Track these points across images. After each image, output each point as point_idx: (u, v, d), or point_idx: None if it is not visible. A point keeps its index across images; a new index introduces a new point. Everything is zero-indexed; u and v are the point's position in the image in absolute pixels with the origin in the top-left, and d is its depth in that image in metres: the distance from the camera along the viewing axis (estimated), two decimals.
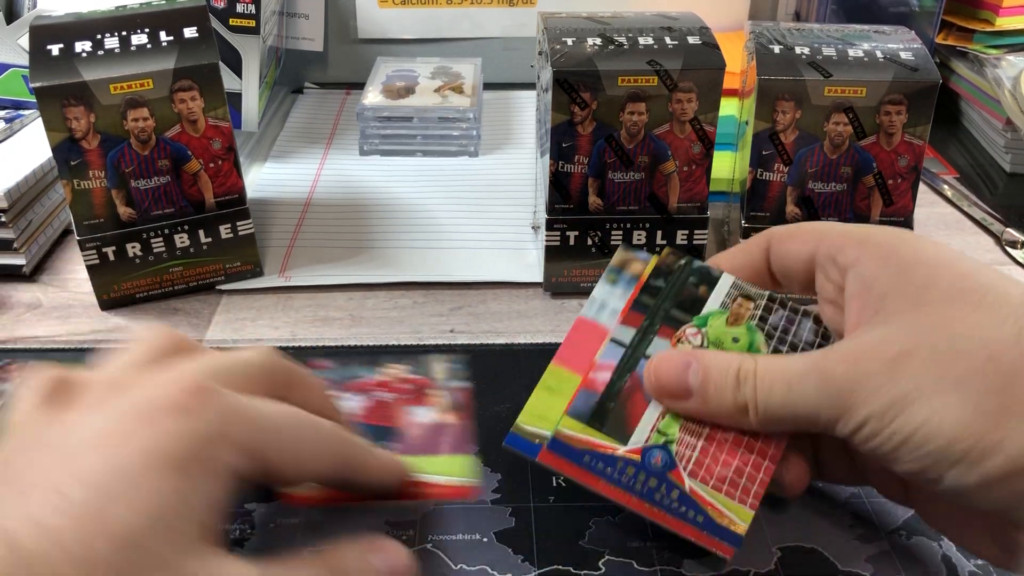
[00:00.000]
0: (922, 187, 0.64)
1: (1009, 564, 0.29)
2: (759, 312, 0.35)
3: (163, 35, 0.47)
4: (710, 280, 0.36)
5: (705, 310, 0.35)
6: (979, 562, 0.33)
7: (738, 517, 0.31)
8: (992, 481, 0.27)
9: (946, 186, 0.65)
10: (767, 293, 0.35)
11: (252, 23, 0.65)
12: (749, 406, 0.31)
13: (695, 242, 0.50)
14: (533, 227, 0.57)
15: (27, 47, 0.46)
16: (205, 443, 0.26)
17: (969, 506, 0.29)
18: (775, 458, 0.32)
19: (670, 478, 0.31)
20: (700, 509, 0.31)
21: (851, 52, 0.47)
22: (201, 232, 0.50)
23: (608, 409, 0.33)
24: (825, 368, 0.29)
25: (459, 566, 0.34)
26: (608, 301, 0.36)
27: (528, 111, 0.76)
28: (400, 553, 0.29)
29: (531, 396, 0.34)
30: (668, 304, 0.35)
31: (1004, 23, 0.70)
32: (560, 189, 0.48)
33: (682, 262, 0.36)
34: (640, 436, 0.32)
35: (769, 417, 0.31)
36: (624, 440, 0.32)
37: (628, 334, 0.35)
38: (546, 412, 0.33)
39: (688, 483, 0.31)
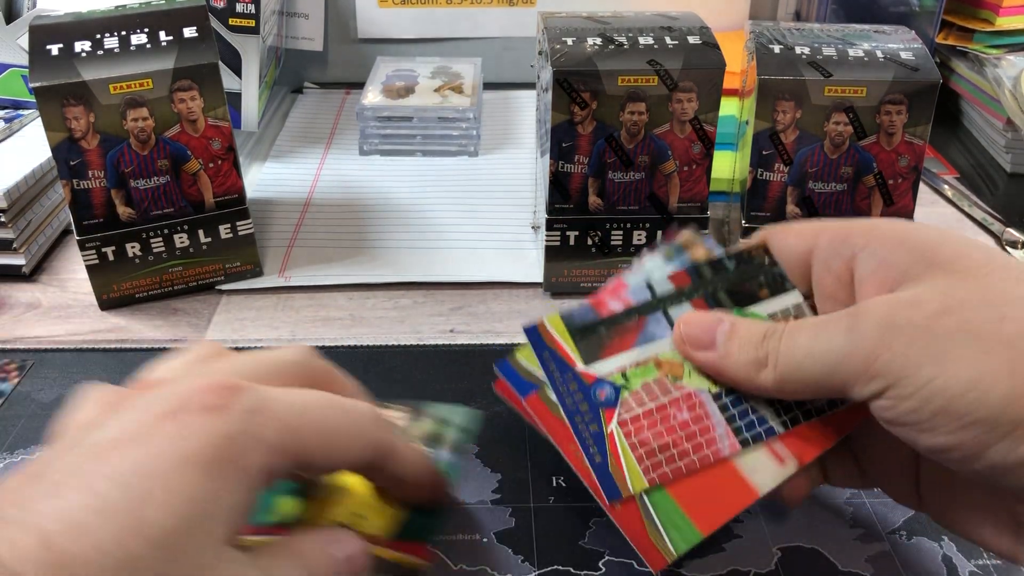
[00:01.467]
0: (922, 187, 0.64)
1: None
2: None
3: (163, 35, 0.47)
4: (778, 288, 0.33)
5: (752, 308, 0.33)
6: (979, 562, 0.33)
7: (631, 479, 0.30)
8: None
9: (946, 186, 0.65)
10: None
11: (252, 23, 0.65)
12: (770, 358, 0.29)
13: None
14: (533, 227, 0.57)
15: (27, 47, 0.46)
16: (232, 444, 0.26)
17: (996, 487, 0.27)
18: (705, 461, 0.31)
19: (601, 413, 0.31)
20: (604, 452, 0.31)
21: (851, 52, 0.47)
22: (201, 232, 0.50)
23: (597, 331, 0.33)
24: (858, 313, 0.27)
25: (459, 566, 0.34)
26: (654, 273, 0.34)
27: (528, 111, 0.76)
28: (356, 543, 0.29)
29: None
30: (723, 283, 0.34)
31: (1004, 23, 0.70)
32: (560, 189, 0.48)
33: (767, 260, 0.34)
34: (605, 368, 0.32)
35: (788, 370, 0.29)
36: (588, 362, 0.32)
37: (666, 288, 0.34)
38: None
39: (612, 427, 0.31)
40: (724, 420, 0.31)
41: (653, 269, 0.34)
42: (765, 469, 0.31)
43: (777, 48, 0.48)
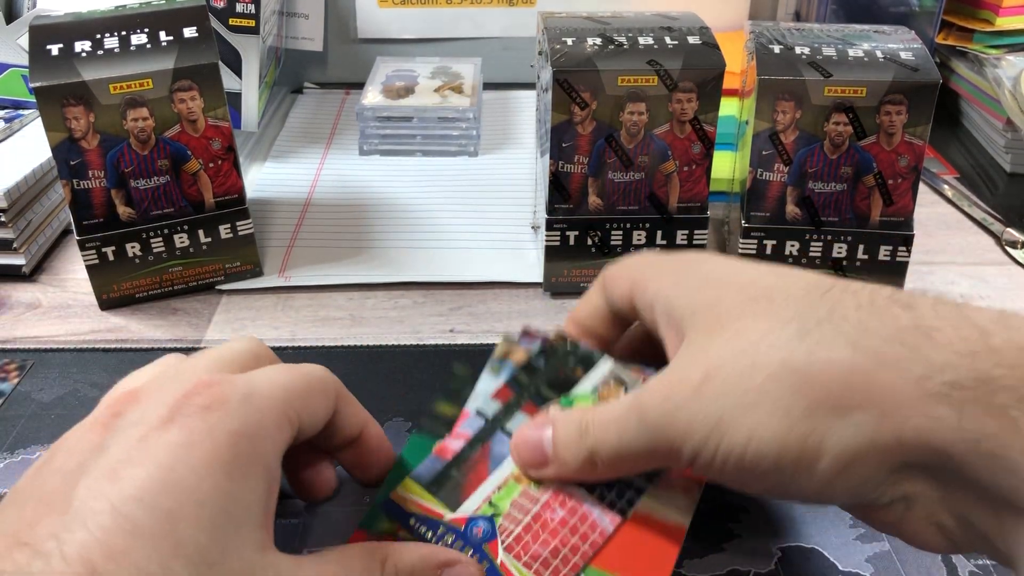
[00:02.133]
0: (922, 187, 0.64)
1: (959, 549, 0.28)
2: None
3: (163, 35, 0.47)
4: (588, 363, 0.35)
5: (575, 391, 0.35)
6: (979, 562, 0.33)
7: None
8: (832, 479, 0.26)
9: (946, 186, 0.65)
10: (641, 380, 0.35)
11: (252, 23, 0.65)
12: (596, 456, 0.30)
13: (695, 242, 0.50)
14: (533, 227, 0.57)
15: (27, 47, 0.46)
16: (242, 439, 0.26)
17: (832, 505, 0.29)
18: (596, 545, 0.31)
19: (485, 550, 0.31)
20: None
21: (851, 52, 0.47)
22: (201, 232, 0.50)
23: (449, 476, 0.33)
24: (641, 406, 0.29)
25: None
26: (479, 399, 0.36)
27: (528, 111, 0.76)
28: (472, 570, 0.30)
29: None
30: (541, 381, 0.35)
31: (1004, 23, 0.70)
32: (560, 189, 0.48)
33: (567, 345, 0.36)
34: (471, 506, 0.32)
35: (612, 463, 0.30)
36: (455, 508, 0.32)
37: (494, 408, 0.35)
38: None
39: (501, 557, 0.31)
40: (595, 499, 0.32)
41: (487, 388, 0.36)
42: (674, 504, 0.32)
43: (777, 48, 0.48)
